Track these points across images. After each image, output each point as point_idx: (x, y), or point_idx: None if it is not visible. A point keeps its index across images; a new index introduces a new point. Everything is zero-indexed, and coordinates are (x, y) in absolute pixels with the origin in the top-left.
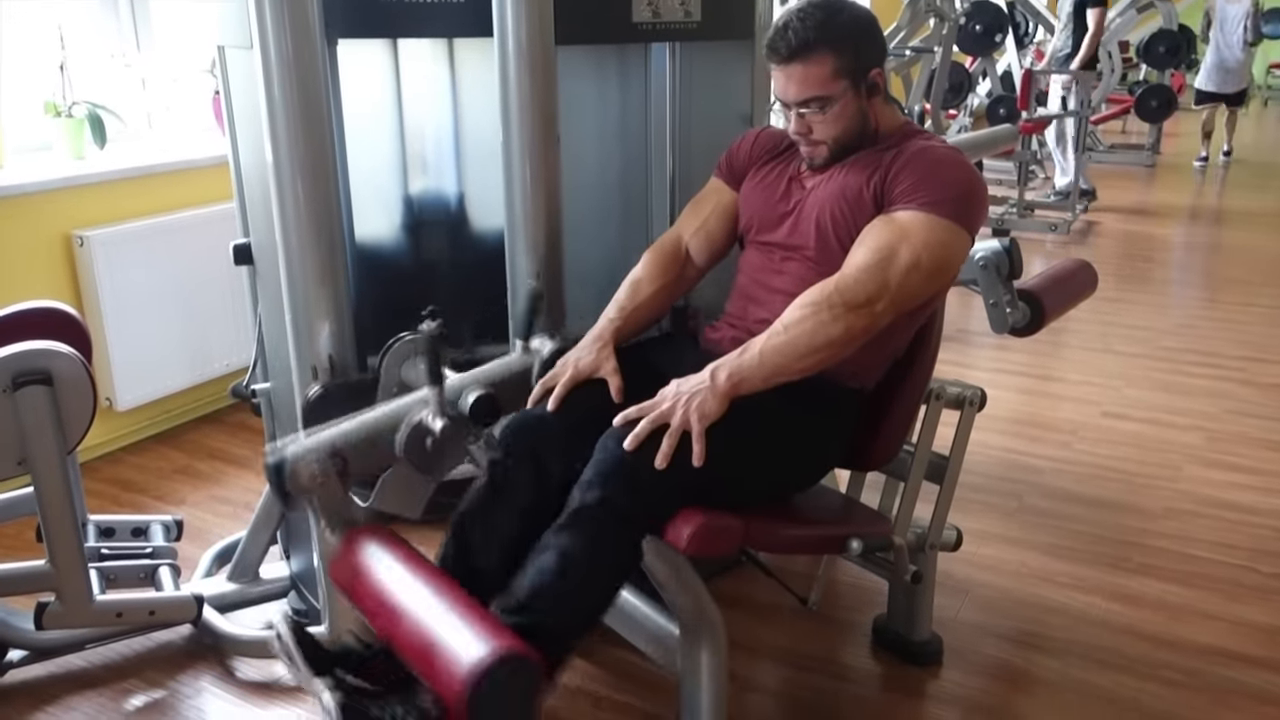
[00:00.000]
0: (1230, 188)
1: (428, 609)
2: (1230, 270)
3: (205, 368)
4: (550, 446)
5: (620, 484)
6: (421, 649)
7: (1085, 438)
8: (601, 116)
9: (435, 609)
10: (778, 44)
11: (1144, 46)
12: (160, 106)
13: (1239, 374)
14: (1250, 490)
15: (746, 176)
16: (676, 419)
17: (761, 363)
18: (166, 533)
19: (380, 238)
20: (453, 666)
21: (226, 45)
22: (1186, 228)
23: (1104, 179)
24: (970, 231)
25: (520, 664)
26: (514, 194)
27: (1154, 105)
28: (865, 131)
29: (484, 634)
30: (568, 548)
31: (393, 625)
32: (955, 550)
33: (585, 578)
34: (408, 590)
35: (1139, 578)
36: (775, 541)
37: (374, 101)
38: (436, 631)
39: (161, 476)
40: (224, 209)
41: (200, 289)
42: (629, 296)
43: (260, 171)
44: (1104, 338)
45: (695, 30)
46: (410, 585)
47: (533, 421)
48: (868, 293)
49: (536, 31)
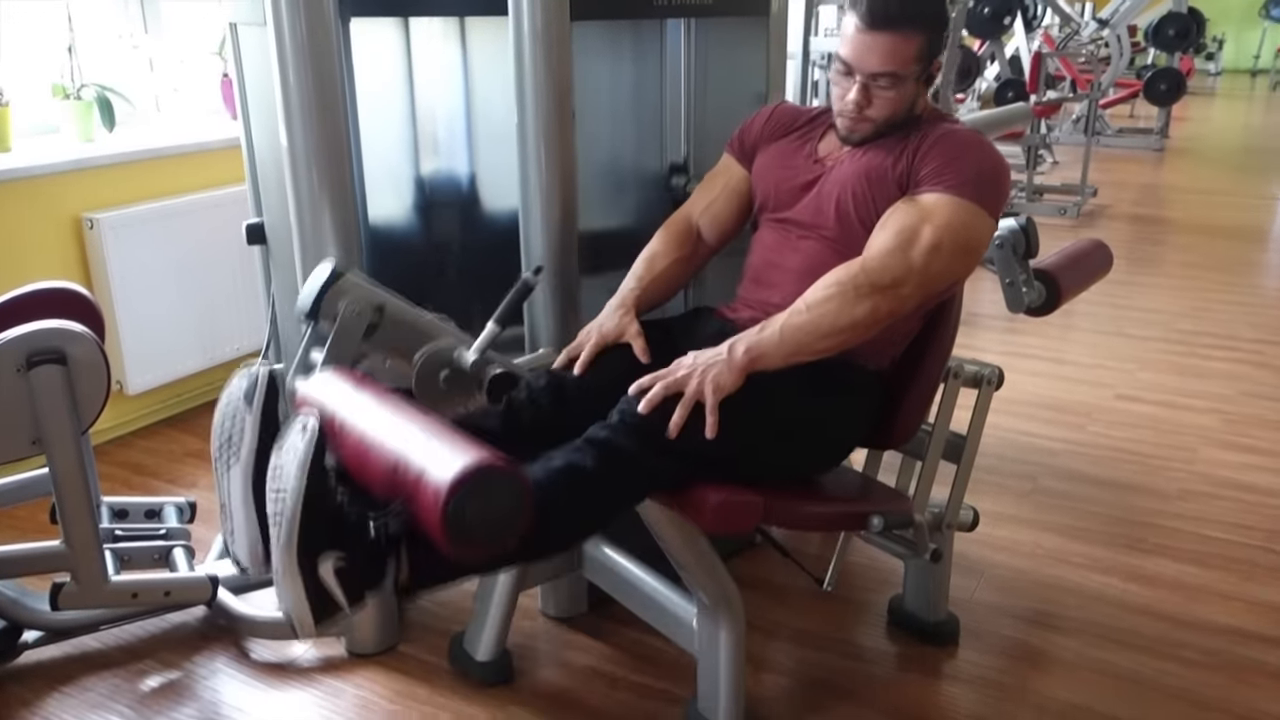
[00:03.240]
0: (1241, 171)
1: (414, 428)
2: (1244, 254)
3: (216, 351)
4: (576, 398)
5: (639, 436)
6: (401, 460)
7: (1099, 420)
8: (616, 94)
9: (423, 429)
10: (878, 9)
11: (1153, 30)
12: (168, 88)
13: (1255, 356)
14: (1266, 472)
15: (759, 152)
16: (690, 388)
17: (782, 340)
18: (180, 515)
19: (392, 218)
20: (438, 467)
21: (239, 22)
22: (1197, 211)
23: (1113, 163)
24: (994, 214)
25: (510, 479)
26: (528, 171)
27: (1163, 89)
28: (909, 116)
29: (478, 447)
30: (578, 461)
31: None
32: (972, 530)
33: (586, 491)
34: (390, 415)
35: (1155, 558)
36: (796, 518)
37: (386, 81)
38: (422, 443)
39: (173, 460)
40: (234, 191)
41: (210, 272)
42: (646, 268)
43: (274, 150)
44: (1116, 320)
45: (711, 6)
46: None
47: (560, 378)
48: (894, 275)
49: (552, 6)
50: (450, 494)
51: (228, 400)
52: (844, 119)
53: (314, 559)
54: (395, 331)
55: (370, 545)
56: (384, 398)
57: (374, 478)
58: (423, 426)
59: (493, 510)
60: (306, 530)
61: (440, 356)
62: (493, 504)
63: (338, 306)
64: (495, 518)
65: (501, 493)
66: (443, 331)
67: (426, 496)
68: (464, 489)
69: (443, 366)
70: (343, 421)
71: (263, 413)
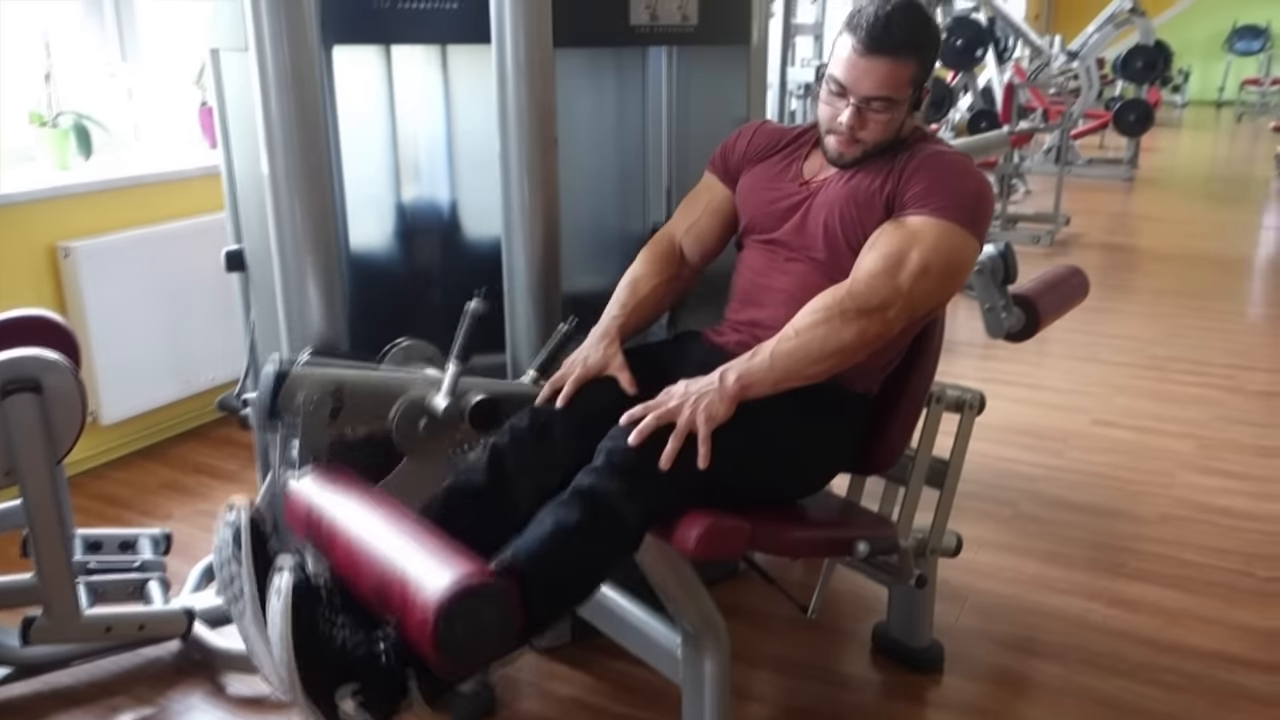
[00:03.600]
0: (1209, 200)
1: (396, 539)
2: (1214, 280)
3: (191, 381)
4: (561, 434)
5: (627, 476)
6: (387, 575)
7: (1077, 445)
8: (598, 119)
9: (404, 539)
10: (877, 34)
11: (1121, 62)
12: (146, 117)
13: (1227, 382)
14: (1242, 496)
15: (743, 173)
16: (683, 419)
17: (772, 366)
18: (155, 546)
19: (373, 245)
20: (422, 590)
21: (221, 48)
22: (1167, 239)
23: (1084, 193)
24: (979, 238)
25: (494, 595)
26: (511, 196)
27: (1132, 119)
28: (896, 139)
29: (458, 561)
30: (565, 520)
31: (355, 554)
32: (955, 556)
33: (577, 552)
34: (373, 523)
35: (1136, 583)
36: (782, 544)
37: (367, 108)
38: (405, 558)
39: (147, 492)
40: (211, 220)
41: (187, 300)
42: (629, 294)
43: (254, 176)
44: (1090, 347)
45: (692, 34)
46: (376, 518)
47: (543, 417)
48: (881, 298)
49: (535, 32)
50: (437, 621)
51: (220, 545)
52: (835, 139)
53: (330, 698)
54: (360, 404)
55: (383, 668)
56: (367, 499)
57: (366, 594)
58: (403, 537)
59: (482, 626)
60: (312, 678)
61: (413, 410)
62: (481, 620)
63: (295, 401)
64: (486, 633)
65: (489, 608)
66: (408, 384)
67: (414, 622)
68: (450, 615)
69: (418, 418)
70: (330, 533)
71: (253, 556)
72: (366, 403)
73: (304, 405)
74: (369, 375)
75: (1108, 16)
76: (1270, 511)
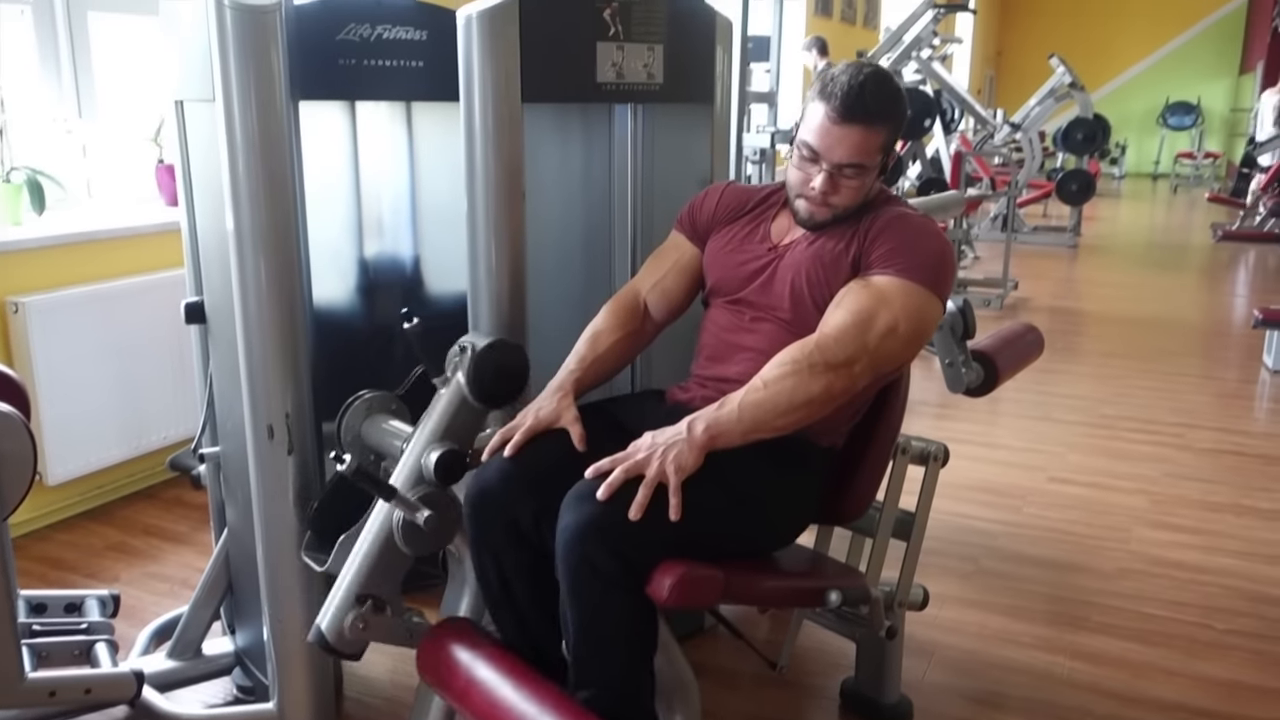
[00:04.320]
0: (1148, 266)
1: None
2: (1158, 342)
3: (141, 440)
4: (518, 510)
5: (595, 540)
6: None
7: (1034, 502)
8: (565, 175)
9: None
10: (851, 103)
11: (1062, 134)
12: (101, 173)
13: (1176, 440)
14: (1196, 550)
15: (711, 234)
16: (652, 470)
17: (740, 417)
18: (102, 608)
19: (335, 300)
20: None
21: (187, 99)
22: (1112, 303)
23: (1030, 259)
24: (943, 299)
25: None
26: (478, 250)
27: (1074, 188)
28: (864, 202)
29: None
30: (581, 623)
31: None
32: (922, 609)
33: (611, 644)
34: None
35: (1099, 636)
36: (754, 593)
37: (331, 164)
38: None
39: (93, 554)
40: (164, 277)
41: (138, 358)
42: (589, 348)
43: (217, 227)
44: (1042, 406)
45: (657, 93)
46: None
47: (490, 491)
48: (847, 353)
49: (504, 87)
50: None
51: None
52: (806, 203)
53: None
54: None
55: None
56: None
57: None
58: None
59: None
60: None
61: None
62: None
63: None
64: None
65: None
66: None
67: None
68: None
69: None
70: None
71: None
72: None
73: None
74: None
75: (1048, 90)
76: (1223, 565)
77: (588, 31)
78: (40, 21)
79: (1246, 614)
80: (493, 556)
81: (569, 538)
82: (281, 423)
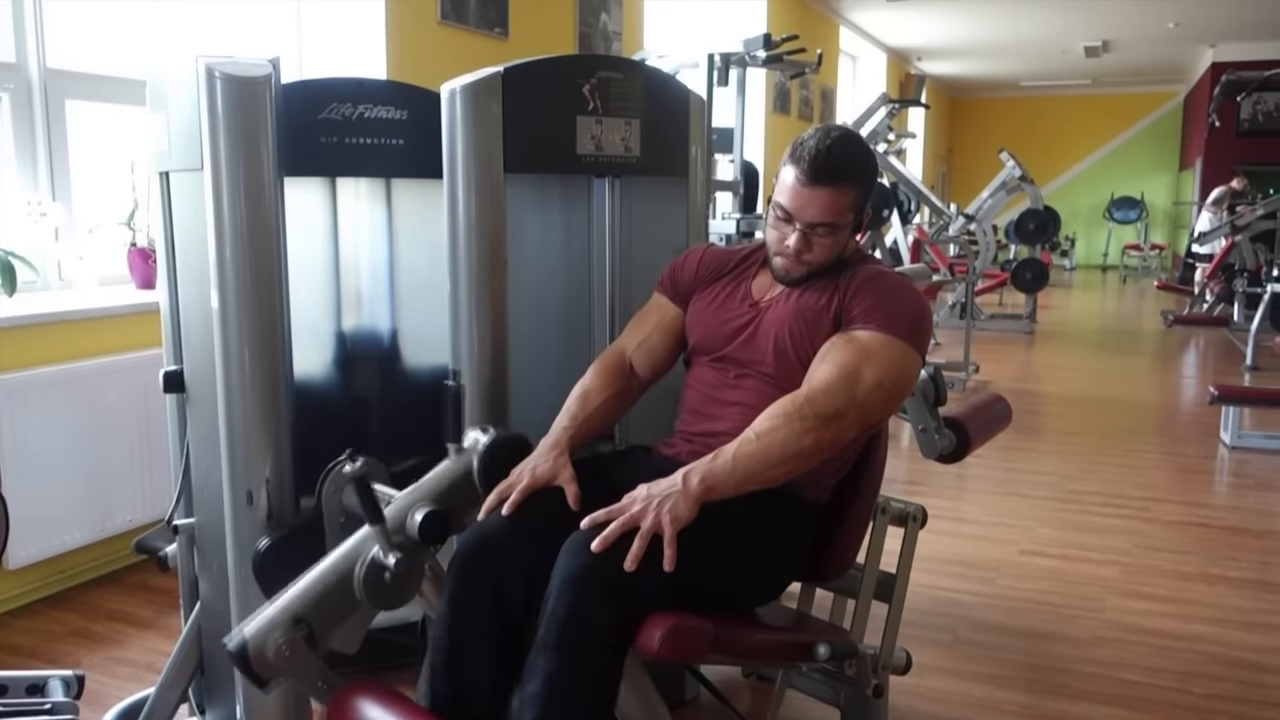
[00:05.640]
0: (1104, 350)
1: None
2: (1118, 421)
3: (105, 524)
4: (509, 564)
5: (589, 589)
6: None
7: (1007, 574)
8: (545, 245)
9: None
10: (819, 166)
11: (1015, 225)
12: (72, 256)
13: (1143, 513)
14: (1170, 618)
15: (694, 295)
16: (647, 522)
17: (734, 469)
18: (66, 689)
19: (312, 372)
20: None
21: (173, 170)
22: (1070, 385)
23: (989, 345)
24: (922, 353)
25: None
26: (460, 316)
27: (1028, 277)
28: (840, 259)
29: None
30: (552, 672)
31: None
32: (905, 673)
33: (575, 698)
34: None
35: (1082, 703)
36: (744, 646)
37: (311, 238)
38: None
39: (53, 640)
40: (133, 358)
41: (105, 441)
42: (580, 405)
43: (200, 293)
44: (1009, 483)
45: (634, 165)
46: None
47: (489, 540)
48: (836, 406)
49: (486, 157)
50: None
51: None
52: (782, 260)
53: None
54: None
55: None
56: None
57: None
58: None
59: None
60: None
61: (372, 574)
62: None
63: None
64: None
65: None
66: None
67: None
68: None
69: (381, 576)
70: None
71: None
72: (330, 604)
73: (281, 660)
74: (316, 577)
75: (1000, 183)
76: (1196, 632)
77: (568, 106)
78: (18, 108)
79: (1224, 679)
80: (464, 611)
81: (562, 582)
82: (261, 488)
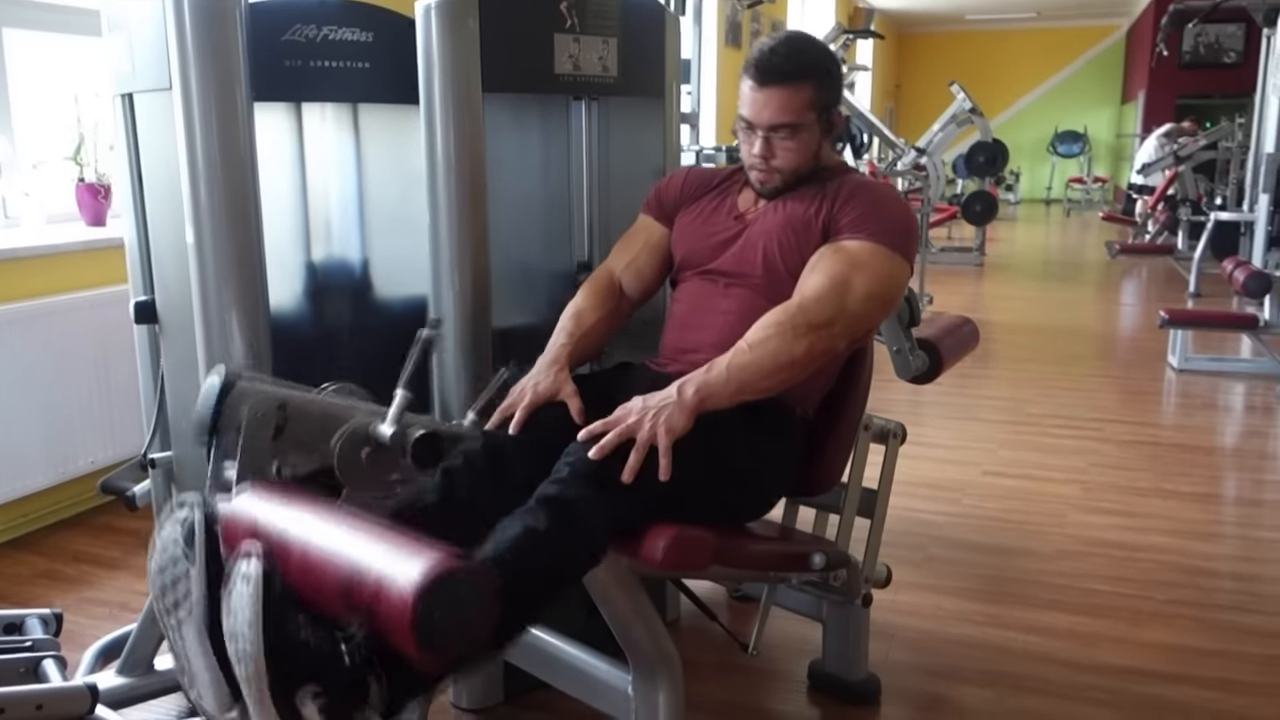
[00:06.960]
0: (1051, 281)
1: (360, 538)
2: (1069, 348)
3: (67, 466)
4: (515, 458)
5: (592, 484)
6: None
7: (972, 494)
8: (524, 168)
9: (369, 538)
10: (765, 66)
11: (965, 157)
12: (18, 192)
13: (1097, 433)
14: (1129, 530)
15: (679, 213)
16: (644, 433)
17: (728, 379)
18: (45, 626)
19: (282, 304)
20: (397, 579)
21: (137, 91)
22: (1021, 315)
23: (941, 277)
24: (910, 261)
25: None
26: (440, 240)
27: (978, 209)
28: (816, 165)
29: (433, 550)
30: (533, 526)
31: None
32: (886, 586)
33: (546, 557)
34: (332, 527)
35: (1049, 612)
36: (743, 556)
37: (278, 167)
38: (374, 553)
39: (21, 582)
40: (87, 296)
41: (63, 381)
42: (575, 323)
43: (171, 216)
44: (968, 408)
45: (611, 85)
46: (334, 523)
47: (495, 451)
48: (827, 315)
49: (464, 76)
50: (416, 606)
51: (163, 549)
52: (755, 172)
53: (292, 700)
54: (304, 425)
55: (346, 669)
56: (318, 508)
57: (328, 597)
58: (367, 535)
59: (461, 611)
60: (276, 676)
61: (356, 436)
62: (460, 605)
63: (239, 415)
64: (465, 618)
65: (467, 592)
66: (352, 411)
67: (391, 611)
68: (429, 599)
69: (362, 446)
70: (282, 543)
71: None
72: (310, 424)
73: (248, 419)
74: (313, 399)
75: (950, 116)
76: (1155, 543)
77: (545, 23)
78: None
79: (1184, 585)
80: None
81: (566, 474)
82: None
